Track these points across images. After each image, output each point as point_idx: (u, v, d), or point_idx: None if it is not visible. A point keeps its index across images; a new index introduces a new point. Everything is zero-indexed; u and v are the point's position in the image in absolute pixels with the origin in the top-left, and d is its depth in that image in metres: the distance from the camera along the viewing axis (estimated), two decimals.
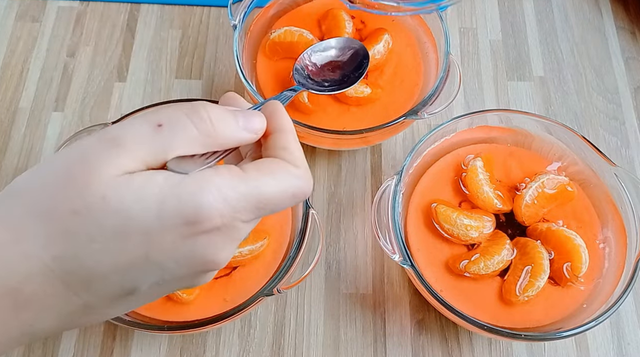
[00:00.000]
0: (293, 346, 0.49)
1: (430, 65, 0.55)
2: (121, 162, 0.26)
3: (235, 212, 0.27)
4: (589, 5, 0.66)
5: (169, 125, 0.27)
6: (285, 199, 0.29)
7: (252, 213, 0.28)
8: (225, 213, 0.27)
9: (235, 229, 0.28)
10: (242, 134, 0.30)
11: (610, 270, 0.46)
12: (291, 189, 0.29)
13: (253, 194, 0.28)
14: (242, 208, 0.28)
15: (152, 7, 0.64)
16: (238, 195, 0.27)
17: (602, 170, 0.48)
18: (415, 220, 0.48)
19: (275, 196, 0.29)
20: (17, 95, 0.59)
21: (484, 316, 0.44)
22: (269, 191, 0.28)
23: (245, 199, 0.28)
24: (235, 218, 0.27)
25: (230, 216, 0.27)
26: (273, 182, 0.29)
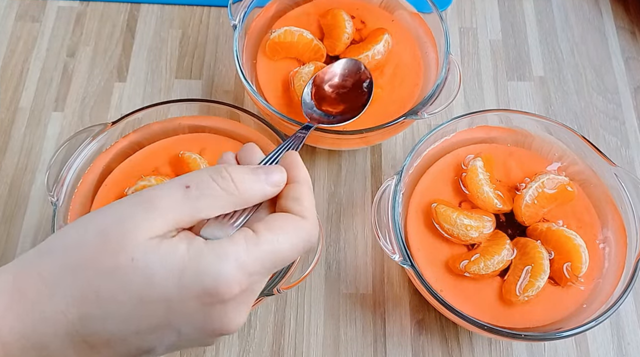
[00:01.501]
0: (293, 346, 0.49)
1: (430, 65, 0.55)
2: (155, 225, 0.28)
3: (251, 277, 0.29)
4: (589, 5, 0.66)
5: (196, 187, 0.29)
6: (296, 253, 0.31)
7: (267, 274, 0.30)
8: (243, 281, 0.28)
9: (251, 292, 0.30)
10: (265, 189, 0.31)
11: (610, 270, 0.46)
12: (301, 244, 0.31)
13: (268, 257, 0.29)
14: (258, 272, 0.29)
15: (152, 7, 0.64)
16: (254, 261, 0.29)
17: (602, 170, 0.48)
18: (415, 220, 0.48)
19: (287, 253, 0.30)
20: (17, 95, 0.59)
21: (484, 316, 0.44)
22: (282, 249, 0.30)
23: (260, 263, 0.29)
24: (252, 283, 0.29)
25: (247, 282, 0.29)
26: (284, 241, 0.30)
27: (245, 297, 0.29)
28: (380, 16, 0.57)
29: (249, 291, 0.29)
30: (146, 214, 0.28)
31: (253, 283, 0.29)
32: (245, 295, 0.29)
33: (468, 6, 0.65)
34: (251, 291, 0.30)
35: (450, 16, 0.64)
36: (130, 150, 0.50)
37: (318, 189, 0.55)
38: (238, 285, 0.28)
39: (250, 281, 0.29)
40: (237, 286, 0.28)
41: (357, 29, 0.56)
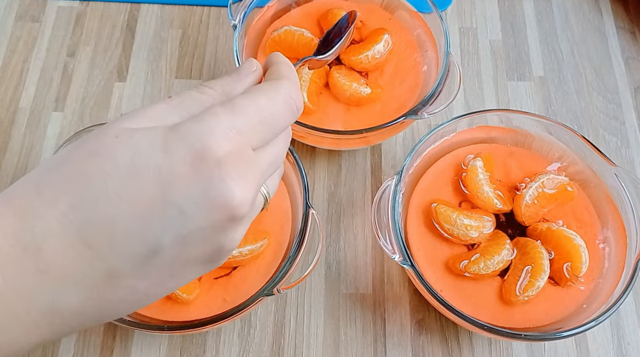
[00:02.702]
0: (293, 346, 0.49)
1: (430, 65, 0.55)
2: (138, 121, 0.28)
3: (241, 134, 0.27)
4: (589, 5, 0.66)
5: (177, 95, 0.29)
6: (280, 106, 0.30)
7: (257, 133, 0.29)
8: (231, 136, 0.27)
9: (247, 155, 0.28)
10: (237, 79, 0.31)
11: (610, 270, 0.46)
12: (280, 96, 0.30)
13: (249, 111, 0.28)
14: (246, 128, 0.28)
15: (152, 7, 0.64)
16: (236, 116, 0.28)
17: (602, 170, 0.48)
18: (415, 220, 0.48)
19: (269, 106, 0.29)
20: (17, 95, 0.59)
21: (484, 316, 0.44)
22: (262, 103, 0.29)
23: (244, 119, 0.28)
24: (244, 142, 0.28)
25: (237, 139, 0.27)
26: (262, 96, 0.29)
27: (242, 158, 0.27)
28: (380, 16, 0.57)
29: (244, 152, 0.28)
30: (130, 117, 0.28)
31: (246, 144, 0.28)
32: (241, 156, 0.27)
33: (468, 6, 0.65)
34: (247, 154, 0.28)
35: (450, 16, 0.64)
36: None
37: (318, 189, 0.55)
38: (226, 140, 0.27)
39: (240, 140, 0.27)
40: (225, 140, 0.27)
41: (357, 29, 0.56)
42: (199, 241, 0.28)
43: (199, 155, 0.26)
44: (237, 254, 0.45)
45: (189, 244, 0.27)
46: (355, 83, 0.52)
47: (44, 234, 0.25)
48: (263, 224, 0.48)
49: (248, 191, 0.27)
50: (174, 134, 0.27)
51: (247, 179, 0.27)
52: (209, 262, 0.30)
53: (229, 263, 0.45)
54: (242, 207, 0.27)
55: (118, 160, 0.26)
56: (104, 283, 0.27)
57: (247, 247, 0.45)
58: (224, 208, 0.27)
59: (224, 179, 0.26)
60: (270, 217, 0.48)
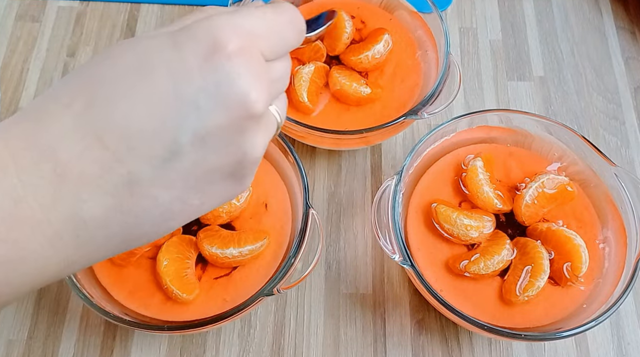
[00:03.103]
0: (293, 346, 0.49)
1: (430, 65, 0.55)
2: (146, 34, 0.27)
3: (250, 35, 0.27)
4: (589, 5, 0.66)
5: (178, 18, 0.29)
6: (285, 21, 0.29)
7: (265, 40, 0.28)
8: (240, 33, 0.26)
9: (257, 56, 0.27)
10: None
11: (610, 270, 0.46)
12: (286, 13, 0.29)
13: (257, 17, 0.28)
14: (255, 31, 0.27)
15: (152, 7, 0.64)
16: (244, 19, 0.27)
17: (602, 170, 0.48)
18: (415, 220, 0.48)
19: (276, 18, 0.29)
20: (17, 95, 0.59)
21: (484, 316, 0.44)
22: (269, 15, 0.28)
23: (253, 21, 0.27)
24: (254, 44, 0.27)
25: (246, 37, 0.26)
26: (268, 9, 0.29)
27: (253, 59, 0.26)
28: (380, 16, 0.57)
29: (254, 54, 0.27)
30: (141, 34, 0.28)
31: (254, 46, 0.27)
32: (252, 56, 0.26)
33: (468, 6, 0.65)
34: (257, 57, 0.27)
35: (450, 16, 0.64)
36: None
37: (318, 189, 0.55)
38: (235, 36, 0.26)
39: (249, 39, 0.27)
40: (235, 36, 0.26)
41: (357, 29, 0.56)
42: (218, 143, 0.27)
43: (210, 48, 0.25)
44: (237, 254, 0.45)
45: (209, 146, 0.26)
46: (355, 83, 0.52)
47: (59, 135, 0.25)
48: (263, 224, 0.48)
49: (262, 90, 0.27)
50: (183, 31, 0.26)
51: (259, 79, 0.27)
52: (232, 178, 0.29)
53: (228, 263, 0.45)
54: (257, 103, 0.26)
55: (128, 61, 0.26)
56: (124, 190, 0.26)
57: (247, 247, 0.45)
58: (239, 103, 0.26)
59: (238, 73, 0.26)
60: (270, 217, 0.48)
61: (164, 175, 0.26)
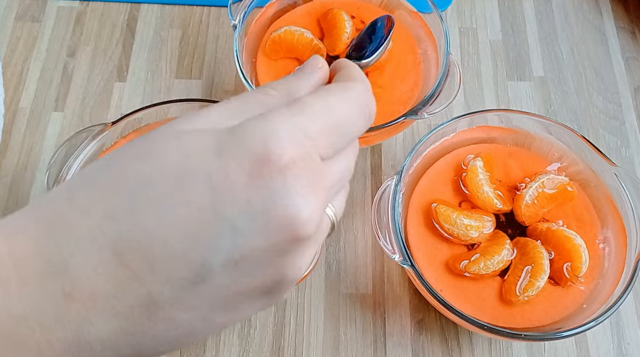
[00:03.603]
0: (293, 346, 0.49)
1: (430, 65, 0.55)
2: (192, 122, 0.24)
3: (309, 139, 0.23)
4: (589, 5, 0.66)
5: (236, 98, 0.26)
6: (353, 110, 0.25)
7: (327, 139, 0.24)
8: (299, 139, 0.23)
9: (315, 163, 0.23)
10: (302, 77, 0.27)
11: (610, 270, 0.46)
12: (354, 100, 0.26)
13: (319, 112, 0.24)
14: (315, 132, 0.23)
15: (152, 7, 0.64)
16: (304, 118, 0.23)
17: (602, 170, 0.48)
18: (415, 220, 0.48)
19: (341, 109, 0.25)
20: (17, 95, 0.59)
21: (484, 316, 0.44)
22: (333, 105, 0.25)
23: (313, 120, 0.24)
24: (312, 148, 0.23)
25: (305, 143, 0.23)
26: (333, 97, 0.25)
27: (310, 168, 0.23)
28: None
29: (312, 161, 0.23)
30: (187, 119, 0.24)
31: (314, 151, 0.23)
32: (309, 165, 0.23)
33: (468, 6, 0.65)
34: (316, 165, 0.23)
35: (450, 16, 0.64)
36: None
37: None
38: (293, 143, 0.22)
39: (308, 145, 0.23)
40: (291, 144, 0.22)
41: (357, 29, 0.56)
42: (254, 266, 0.23)
43: (259, 161, 0.22)
44: None
45: (243, 270, 0.23)
46: None
47: (72, 248, 0.22)
48: None
49: (316, 207, 0.23)
50: (231, 135, 0.23)
51: (315, 192, 0.23)
52: (267, 296, 0.25)
53: None
54: (308, 225, 0.23)
55: (161, 164, 0.22)
56: (140, 311, 0.23)
57: None
58: (286, 226, 0.22)
59: (289, 191, 0.22)
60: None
61: (187, 298, 0.23)
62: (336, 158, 0.26)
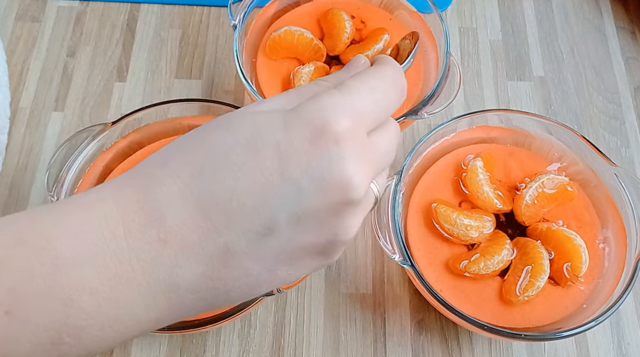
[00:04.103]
0: (293, 346, 0.49)
1: (430, 65, 0.55)
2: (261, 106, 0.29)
3: (357, 113, 0.27)
4: (589, 5, 0.66)
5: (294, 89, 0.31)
6: (389, 86, 0.30)
7: (371, 114, 0.28)
8: (348, 113, 0.27)
9: (362, 136, 0.28)
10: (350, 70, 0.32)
11: (610, 270, 0.46)
12: (389, 77, 0.30)
13: (362, 90, 0.28)
14: (361, 107, 0.28)
15: (152, 7, 0.64)
16: (350, 95, 0.28)
17: (602, 170, 0.48)
18: (415, 220, 0.48)
19: (380, 85, 0.29)
20: (17, 95, 0.59)
21: (484, 316, 0.44)
22: (373, 83, 0.29)
23: (359, 97, 0.28)
24: (360, 122, 0.27)
25: (353, 116, 0.27)
26: (372, 76, 0.29)
27: (360, 141, 0.27)
28: (380, 16, 0.57)
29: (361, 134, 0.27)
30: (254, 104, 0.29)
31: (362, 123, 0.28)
32: (359, 137, 0.27)
33: (468, 6, 0.65)
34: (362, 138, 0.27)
35: (450, 16, 0.64)
36: (130, 150, 0.50)
37: None
38: (344, 116, 0.27)
39: (356, 118, 0.27)
40: (343, 117, 0.26)
41: (357, 29, 0.56)
42: (313, 223, 0.27)
43: (317, 131, 0.26)
44: None
45: (304, 225, 0.27)
46: None
47: (167, 202, 0.26)
48: None
49: (365, 175, 0.27)
50: (293, 113, 0.27)
51: (364, 161, 0.27)
52: (322, 255, 0.29)
53: None
54: (359, 189, 0.27)
55: (239, 134, 0.27)
56: (218, 259, 0.27)
57: None
58: (340, 188, 0.27)
59: (343, 157, 0.26)
60: None
61: (257, 249, 0.27)
62: (380, 132, 0.30)
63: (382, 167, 0.31)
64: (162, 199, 0.26)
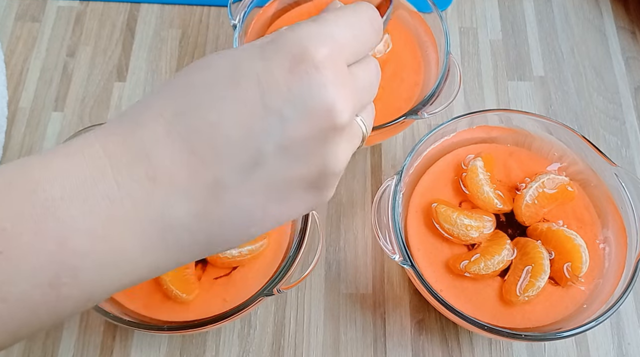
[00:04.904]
0: (293, 346, 0.49)
1: (431, 65, 0.55)
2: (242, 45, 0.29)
3: (335, 42, 0.27)
4: (589, 5, 0.66)
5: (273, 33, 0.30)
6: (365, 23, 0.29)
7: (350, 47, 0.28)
8: (326, 41, 0.27)
9: (342, 65, 0.28)
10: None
11: (611, 270, 0.46)
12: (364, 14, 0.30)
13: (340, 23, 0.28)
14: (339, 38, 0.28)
15: (152, 7, 0.64)
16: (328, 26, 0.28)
17: (602, 170, 0.48)
18: (415, 220, 0.48)
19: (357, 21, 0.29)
20: (17, 95, 0.59)
21: (484, 316, 0.44)
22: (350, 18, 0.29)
23: (336, 28, 0.28)
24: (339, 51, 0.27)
25: (332, 45, 0.27)
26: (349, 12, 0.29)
27: (340, 68, 0.27)
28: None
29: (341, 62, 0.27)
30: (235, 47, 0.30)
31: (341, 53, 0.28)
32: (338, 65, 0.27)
33: (468, 6, 0.65)
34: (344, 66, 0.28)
35: (450, 16, 0.64)
36: None
37: None
38: (322, 44, 0.27)
39: (335, 46, 0.27)
40: (321, 45, 0.26)
41: None
42: (300, 152, 0.27)
43: (297, 59, 0.26)
44: (236, 254, 0.45)
45: (291, 155, 0.27)
46: None
47: (152, 141, 0.26)
48: None
49: (347, 100, 0.27)
50: (271, 44, 0.27)
51: (345, 86, 0.27)
52: (314, 189, 0.29)
53: (228, 263, 0.45)
54: (343, 114, 0.27)
55: (219, 71, 0.27)
56: (209, 195, 0.27)
57: (247, 247, 0.45)
58: (324, 113, 0.27)
59: (324, 83, 0.26)
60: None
61: (247, 183, 0.27)
62: (359, 65, 0.30)
63: (365, 100, 0.31)
64: (147, 139, 0.26)
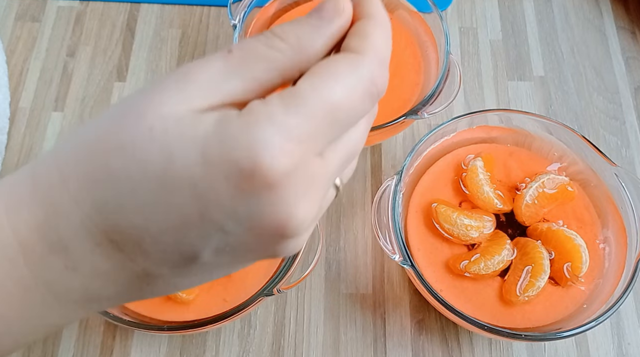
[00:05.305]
0: (293, 346, 0.49)
1: (431, 65, 0.55)
2: (189, 96, 0.22)
3: (303, 142, 0.21)
4: (589, 5, 0.66)
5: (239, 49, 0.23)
6: (356, 100, 0.23)
7: (323, 136, 0.22)
8: (290, 150, 0.21)
9: (309, 168, 0.22)
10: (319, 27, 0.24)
11: (611, 270, 0.46)
12: (360, 85, 0.22)
13: (317, 109, 0.21)
14: (309, 133, 0.21)
15: (152, 7, 0.64)
16: (297, 119, 0.21)
17: (603, 170, 0.48)
18: (415, 220, 0.48)
19: (344, 98, 0.22)
20: (17, 95, 0.59)
21: (484, 316, 0.44)
22: (334, 96, 0.22)
23: (309, 121, 0.21)
24: (306, 152, 0.21)
25: (297, 151, 0.21)
26: (335, 84, 0.22)
27: (303, 174, 0.22)
28: None
29: (305, 166, 0.22)
30: (178, 85, 0.22)
31: (308, 154, 0.22)
32: (302, 172, 0.21)
33: (468, 6, 0.65)
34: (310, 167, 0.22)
35: (450, 16, 0.64)
36: None
37: None
38: (283, 155, 0.21)
39: (302, 150, 0.21)
40: (282, 157, 0.20)
41: None
42: (245, 252, 0.24)
43: (246, 175, 0.21)
44: None
45: (234, 254, 0.24)
46: None
47: (69, 234, 0.23)
48: None
49: (308, 210, 0.23)
50: (217, 141, 0.21)
51: (308, 196, 0.22)
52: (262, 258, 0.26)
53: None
54: (299, 227, 0.23)
55: (147, 167, 0.21)
56: (139, 281, 0.24)
57: None
58: (275, 230, 0.22)
59: (274, 204, 0.21)
60: None
61: (183, 272, 0.24)
62: (339, 144, 0.24)
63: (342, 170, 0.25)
64: (64, 230, 0.23)
